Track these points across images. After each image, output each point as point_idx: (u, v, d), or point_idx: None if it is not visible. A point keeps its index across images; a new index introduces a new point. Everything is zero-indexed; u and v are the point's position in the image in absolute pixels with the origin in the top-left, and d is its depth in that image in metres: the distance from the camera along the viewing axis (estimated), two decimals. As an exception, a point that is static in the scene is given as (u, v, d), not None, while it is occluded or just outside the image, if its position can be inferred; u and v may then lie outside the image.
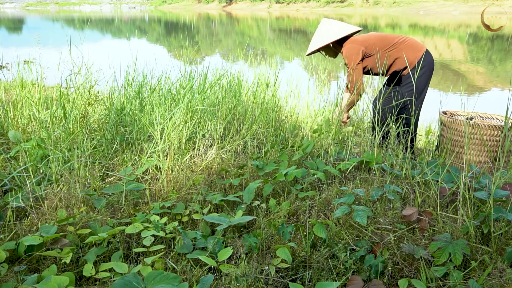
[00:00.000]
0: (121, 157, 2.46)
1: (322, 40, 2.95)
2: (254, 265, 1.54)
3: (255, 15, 50.09)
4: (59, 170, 2.14)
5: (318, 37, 2.98)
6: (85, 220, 1.78)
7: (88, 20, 30.59)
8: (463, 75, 9.37)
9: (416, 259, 1.54)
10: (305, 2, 60.68)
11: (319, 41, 2.96)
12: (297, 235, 1.73)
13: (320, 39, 2.96)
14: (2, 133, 2.86)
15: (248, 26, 31.35)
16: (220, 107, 2.89)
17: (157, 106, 2.71)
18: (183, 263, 1.55)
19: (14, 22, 34.01)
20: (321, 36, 2.96)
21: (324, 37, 2.94)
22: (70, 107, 2.83)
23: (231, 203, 2.07)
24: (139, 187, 2.03)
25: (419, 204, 1.92)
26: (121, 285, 1.19)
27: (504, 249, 1.58)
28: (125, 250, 1.68)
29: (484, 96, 7.24)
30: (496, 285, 1.40)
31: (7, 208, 1.85)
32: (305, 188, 2.15)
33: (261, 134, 2.83)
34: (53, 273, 1.40)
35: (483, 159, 2.53)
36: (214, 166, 2.46)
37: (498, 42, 17.18)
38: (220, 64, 3.88)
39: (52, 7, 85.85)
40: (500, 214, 1.62)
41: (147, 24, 35.38)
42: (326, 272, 1.52)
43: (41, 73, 3.81)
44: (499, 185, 1.83)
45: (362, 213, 1.64)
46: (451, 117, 2.65)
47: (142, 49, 9.73)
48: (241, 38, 19.98)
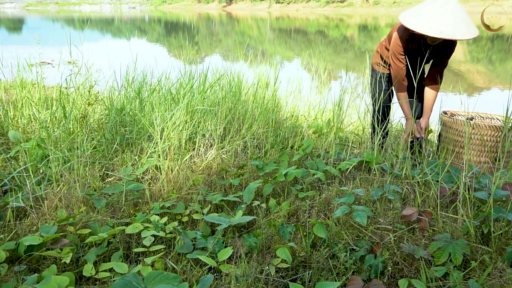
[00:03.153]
0: (121, 157, 2.46)
1: (475, 31, 2.35)
2: (254, 265, 1.54)
3: (255, 15, 50.11)
4: (59, 170, 2.14)
5: (468, 24, 2.36)
6: (85, 220, 1.78)
7: (88, 20, 30.59)
8: (463, 75, 9.37)
9: (416, 259, 1.54)
10: (305, 2, 60.69)
11: (471, 29, 2.35)
12: (297, 235, 1.73)
13: (469, 27, 2.35)
14: (2, 133, 2.86)
15: (248, 26, 31.35)
16: (220, 107, 2.89)
17: (157, 106, 2.71)
18: (183, 263, 1.55)
19: (14, 22, 34.02)
20: (468, 25, 2.35)
21: (474, 28, 2.36)
22: (70, 107, 2.83)
23: (231, 203, 2.07)
24: (139, 187, 2.03)
25: (419, 204, 1.92)
26: (121, 285, 1.19)
27: (504, 249, 1.58)
28: (125, 250, 1.68)
29: (484, 96, 7.23)
30: (496, 285, 1.40)
31: (7, 208, 1.85)
32: (305, 188, 2.15)
33: (261, 134, 2.83)
34: (53, 273, 1.40)
35: (483, 159, 2.53)
36: (214, 166, 2.46)
37: (498, 42, 17.18)
38: (220, 64, 3.88)
39: (52, 7, 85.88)
40: (500, 214, 1.62)
41: (147, 24, 35.39)
42: (326, 272, 1.52)
43: (41, 73, 3.81)
44: (499, 185, 1.83)
45: (362, 213, 1.64)
46: (451, 117, 2.65)
47: (142, 49, 9.72)
48: (241, 38, 19.98)
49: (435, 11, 2.34)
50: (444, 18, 2.29)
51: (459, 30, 2.28)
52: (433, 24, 2.31)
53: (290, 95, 4.17)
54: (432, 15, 2.34)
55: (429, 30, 2.30)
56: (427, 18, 2.34)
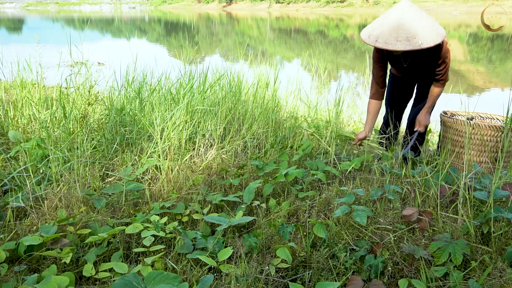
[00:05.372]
0: (121, 157, 2.46)
1: (437, 37, 2.22)
2: (254, 265, 1.53)
3: (255, 15, 50.10)
4: (59, 170, 2.14)
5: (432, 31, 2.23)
6: (85, 220, 1.78)
7: (88, 20, 30.59)
8: (463, 75, 9.37)
9: (416, 259, 1.54)
10: (305, 2, 60.66)
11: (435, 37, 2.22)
12: (297, 235, 1.73)
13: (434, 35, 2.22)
14: (2, 133, 2.86)
15: (248, 26, 31.35)
16: (220, 107, 2.89)
17: (157, 106, 2.71)
18: (183, 263, 1.55)
19: (14, 22, 34.01)
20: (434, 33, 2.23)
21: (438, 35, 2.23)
22: (70, 107, 2.83)
23: (231, 203, 2.07)
24: (139, 187, 2.03)
25: (419, 204, 1.92)
26: (121, 285, 1.19)
27: (504, 249, 1.58)
28: (125, 250, 1.68)
29: (484, 96, 7.23)
30: (496, 285, 1.40)
31: (7, 208, 1.85)
32: (305, 188, 2.15)
33: (261, 134, 2.83)
34: (53, 273, 1.40)
35: (483, 160, 2.53)
36: (214, 166, 2.46)
37: (498, 42, 17.18)
38: (220, 64, 3.88)
39: (52, 7, 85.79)
40: (499, 214, 1.62)
41: (147, 24, 35.39)
42: (326, 272, 1.52)
43: (41, 73, 3.81)
44: (499, 185, 1.83)
45: (362, 213, 1.64)
46: (451, 117, 2.65)
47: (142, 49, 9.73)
48: (241, 38, 19.98)
49: (381, 20, 2.30)
50: (384, 28, 2.23)
51: (397, 41, 2.17)
52: (374, 33, 2.27)
53: (290, 95, 4.17)
54: (376, 24, 2.30)
55: (368, 39, 2.27)
56: (372, 26, 2.31)
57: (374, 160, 2.51)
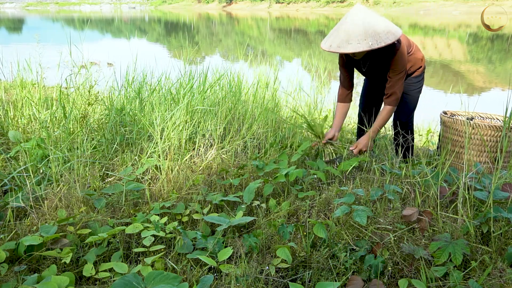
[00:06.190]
0: (121, 157, 2.46)
1: (388, 38, 2.20)
2: (254, 265, 1.53)
3: (255, 15, 50.12)
4: (59, 170, 2.14)
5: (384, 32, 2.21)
6: (85, 220, 1.78)
7: (88, 20, 30.60)
8: (463, 75, 9.37)
9: (416, 259, 1.54)
10: (305, 2, 60.67)
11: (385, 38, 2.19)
12: (297, 235, 1.73)
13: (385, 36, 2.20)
14: (2, 133, 2.86)
15: (248, 26, 31.35)
16: (220, 107, 2.89)
17: (157, 106, 2.71)
18: (183, 263, 1.55)
19: (14, 22, 34.03)
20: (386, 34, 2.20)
21: (390, 35, 2.21)
22: (70, 107, 2.83)
23: (231, 203, 2.07)
24: (139, 187, 2.03)
25: (419, 204, 1.92)
26: (121, 285, 1.19)
27: (504, 249, 1.58)
28: (125, 250, 1.68)
29: (484, 96, 7.24)
30: (496, 285, 1.40)
31: (7, 208, 1.85)
32: (305, 188, 2.15)
33: (261, 134, 2.83)
34: (53, 273, 1.40)
35: (483, 159, 2.53)
36: (214, 166, 2.46)
37: (498, 42, 17.19)
38: (220, 64, 3.89)
39: (52, 7, 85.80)
40: (499, 214, 1.62)
41: (147, 24, 35.40)
42: (326, 272, 1.52)
43: (41, 73, 3.81)
44: (499, 185, 1.83)
45: (362, 213, 1.64)
46: (451, 117, 2.65)
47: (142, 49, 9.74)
48: (241, 38, 19.99)
49: (336, 27, 2.32)
50: (338, 33, 2.26)
51: (348, 44, 2.20)
52: (329, 39, 2.31)
53: (290, 95, 4.17)
54: (333, 31, 2.33)
55: (324, 45, 2.32)
56: (329, 34, 2.35)
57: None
